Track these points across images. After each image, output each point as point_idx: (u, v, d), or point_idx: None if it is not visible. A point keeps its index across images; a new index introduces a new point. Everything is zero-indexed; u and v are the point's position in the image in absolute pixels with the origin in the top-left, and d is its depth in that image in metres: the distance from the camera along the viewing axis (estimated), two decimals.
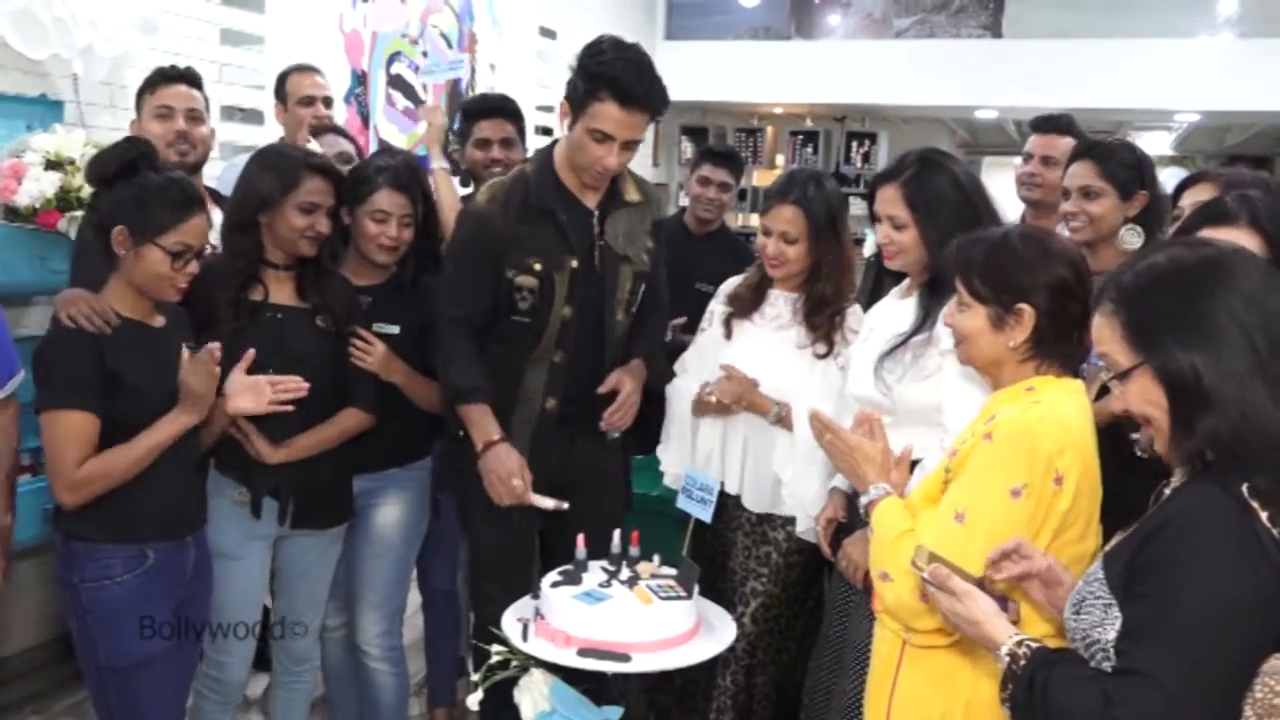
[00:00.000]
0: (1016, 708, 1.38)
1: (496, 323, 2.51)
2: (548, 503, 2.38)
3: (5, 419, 2.20)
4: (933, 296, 2.20)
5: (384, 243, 2.64)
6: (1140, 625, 1.27)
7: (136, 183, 2.14)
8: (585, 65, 2.35)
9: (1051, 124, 3.28)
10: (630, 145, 2.39)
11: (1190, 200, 2.25)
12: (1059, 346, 1.73)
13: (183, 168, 2.58)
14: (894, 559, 1.69)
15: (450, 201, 2.76)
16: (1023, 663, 1.37)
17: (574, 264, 2.46)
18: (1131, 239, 2.60)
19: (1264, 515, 1.24)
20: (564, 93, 2.42)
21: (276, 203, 2.39)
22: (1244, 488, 1.25)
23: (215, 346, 2.20)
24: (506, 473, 2.40)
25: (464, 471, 2.53)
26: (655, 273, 2.64)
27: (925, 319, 2.20)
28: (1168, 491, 1.40)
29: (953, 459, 1.70)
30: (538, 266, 2.44)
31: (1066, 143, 3.19)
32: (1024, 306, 1.70)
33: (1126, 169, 2.62)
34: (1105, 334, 1.38)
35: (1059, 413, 1.64)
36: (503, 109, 3.32)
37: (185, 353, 2.20)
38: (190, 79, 3.00)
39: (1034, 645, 1.39)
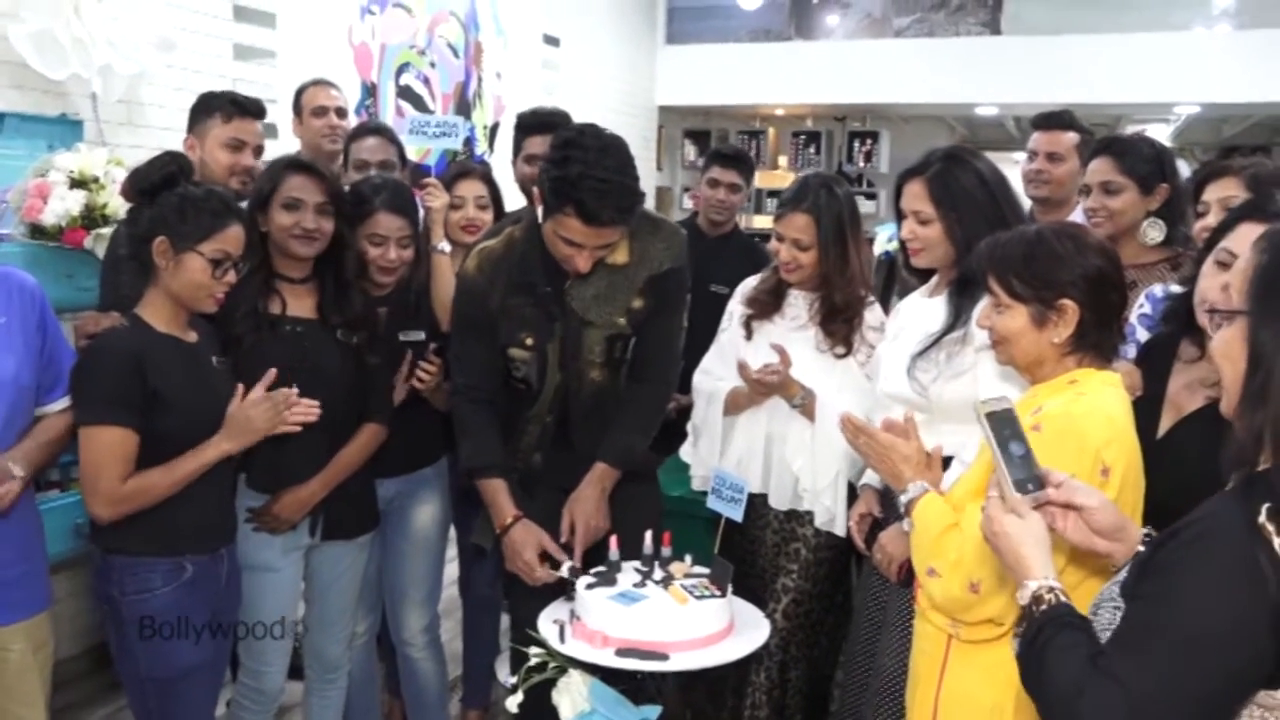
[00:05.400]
0: (1021, 647, 1.35)
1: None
2: (563, 571, 2.37)
3: (57, 419, 2.22)
4: (964, 294, 2.21)
5: (383, 264, 2.68)
6: (1127, 630, 1.26)
7: (177, 194, 2.17)
8: (551, 171, 2.25)
9: (1054, 120, 3.28)
10: (603, 248, 2.32)
11: (1215, 195, 2.26)
12: (1100, 337, 1.75)
13: (238, 197, 2.62)
14: (940, 554, 1.71)
15: (446, 285, 2.73)
16: (1043, 608, 1.33)
17: (563, 333, 2.45)
18: (1153, 233, 2.63)
19: (1277, 542, 1.16)
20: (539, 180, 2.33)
21: (266, 204, 2.42)
22: (1264, 509, 1.17)
23: (292, 392, 2.23)
24: (524, 560, 2.39)
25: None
26: (650, 332, 2.49)
27: (958, 317, 2.22)
28: None
29: None
30: (529, 341, 2.44)
31: (1069, 138, 3.20)
32: (1067, 302, 1.72)
33: (1146, 163, 2.64)
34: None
35: (1104, 405, 1.66)
36: (552, 125, 3.16)
37: (240, 388, 2.23)
38: (260, 113, 3.06)
39: (1061, 600, 1.34)
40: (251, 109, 3.02)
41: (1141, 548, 1.42)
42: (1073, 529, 1.43)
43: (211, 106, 3.00)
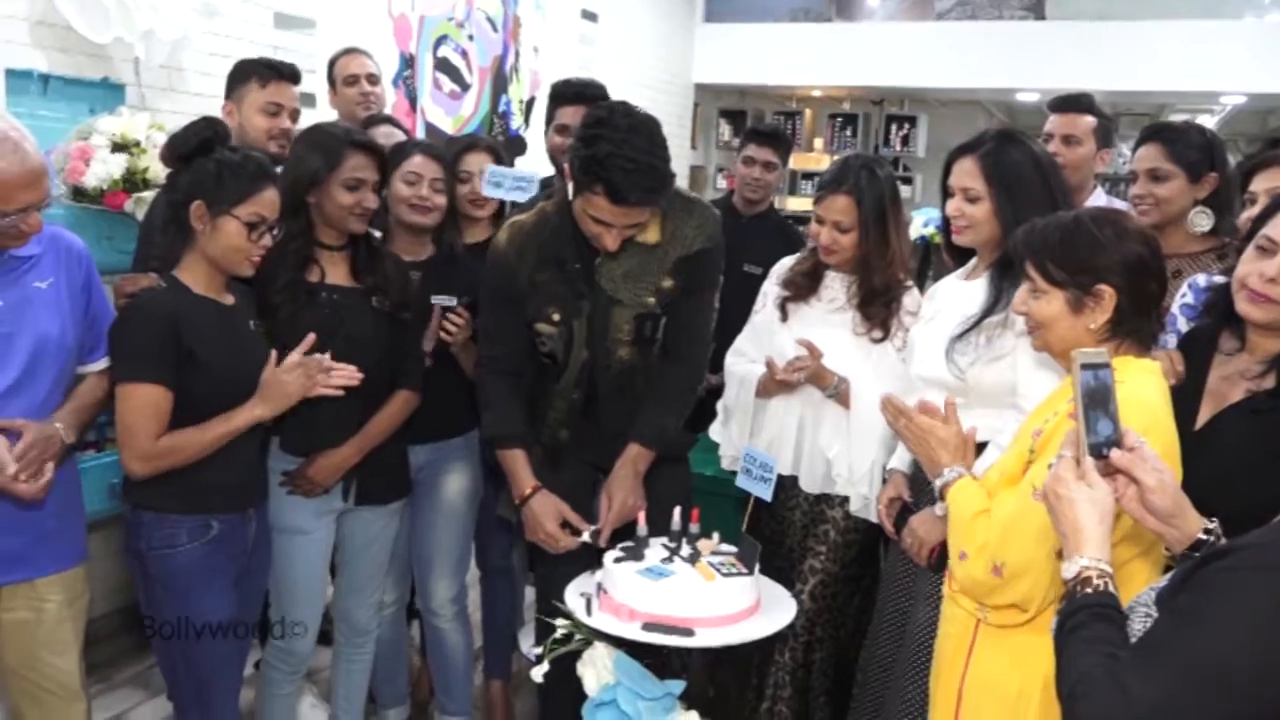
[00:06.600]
0: (1055, 625, 1.33)
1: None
2: (584, 537, 2.39)
3: (98, 382, 2.27)
4: (1005, 277, 2.19)
5: (415, 203, 2.70)
6: (1150, 640, 1.23)
7: (213, 158, 2.19)
8: (580, 150, 2.23)
9: (1071, 103, 3.22)
10: (632, 227, 2.31)
11: (1263, 185, 2.22)
12: (1138, 324, 1.73)
13: (275, 161, 2.64)
14: (970, 538, 1.70)
15: None
16: (1088, 591, 1.29)
17: (590, 309, 2.45)
18: (1201, 221, 2.59)
19: None
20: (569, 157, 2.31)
21: (323, 182, 2.42)
22: None
23: (325, 358, 2.25)
24: (546, 531, 2.41)
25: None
26: (681, 312, 2.48)
27: (998, 300, 2.20)
28: None
29: (1037, 439, 1.70)
30: (556, 316, 2.44)
31: (1087, 121, 3.16)
32: (1104, 287, 1.70)
33: (1195, 151, 2.61)
34: None
35: (1142, 393, 1.63)
36: (585, 96, 3.17)
37: (274, 354, 2.25)
38: (296, 78, 3.09)
39: (1108, 587, 1.30)
40: (287, 73, 3.05)
41: (1201, 535, 1.38)
42: (1128, 500, 1.39)
43: (248, 72, 3.03)
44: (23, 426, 2.08)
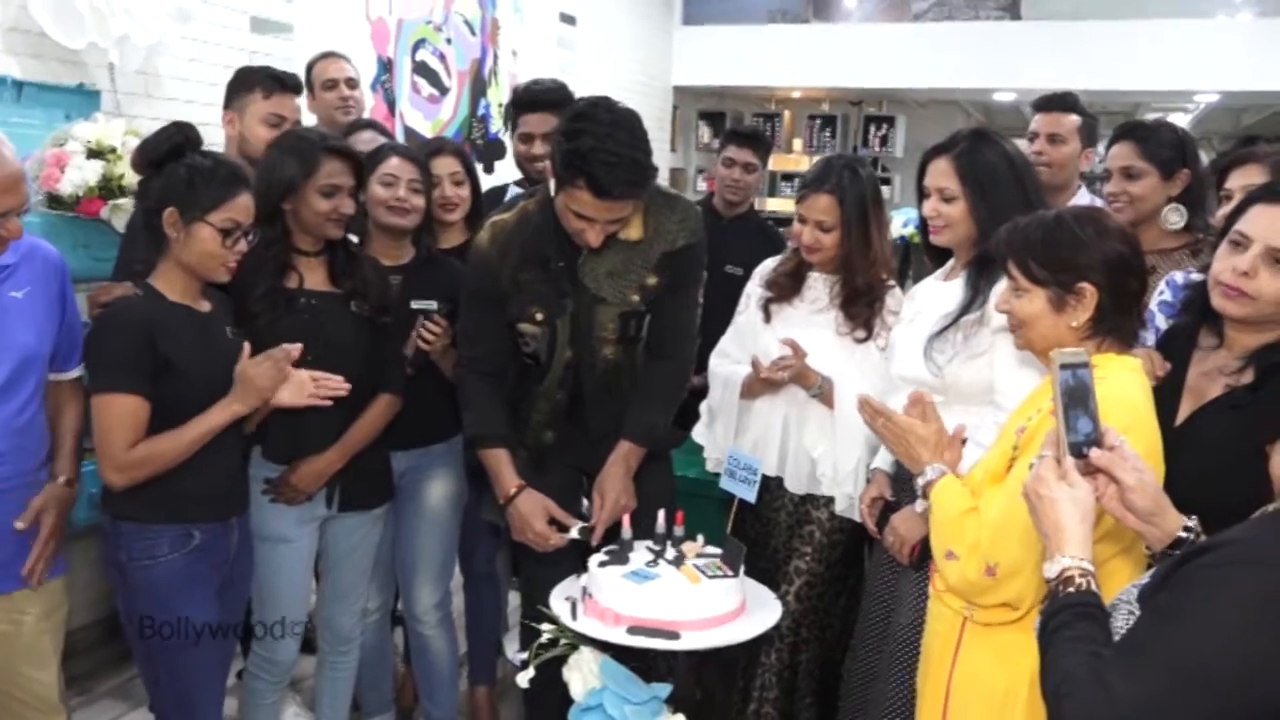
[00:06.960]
0: (1039, 625, 1.33)
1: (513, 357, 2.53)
2: (573, 534, 2.39)
3: (74, 396, 2.27)
4: (982, 275, 2.21)
5: (393, 204, 2.69)
6: (1132, 638, 1.23)
7: (184, 164, 2.17)
8: (563, 144, 2.23)
9: (1056, 102, 3.25)
10: (615, 222, 2.31)
11: (1238, 182, 2.25)
12: (1119, 322, 1.74)
13: None
14: (958, 537, 1.71)
15: None
16: (1070, 590, 1.29)
17: (573, 308, 2.44)
18: (1174, 218, 2.63)
19: None
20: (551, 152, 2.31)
21: (299, 188, 2.41)
22: None
23: (295, 347, 2.23)
24: (535, 531, 2.40)
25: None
26: (666, 308, 2.47)
27: (975, 297, 2.22)
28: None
29: (1021, 436, 1.71)
30: (539, 316, 2.44)
31: (1071, 120, 3.18)
32: (1085, 285, 1.71)
33: (1168, 148, 2.64)
34: None
35: (1124, 390, 1.64)
36: (542, 102, 3.13)
37: (246, 346, 2.23)
38: (299, 89, 3.09)
39: (1091, 586, 1.30)
40: (291, 85, 3.04)
41: (1181, 533, 1.39)
42: (1108, 499, 1.40)
43: (251, 82, 3.01)
44: (41, 508, 2.15)
